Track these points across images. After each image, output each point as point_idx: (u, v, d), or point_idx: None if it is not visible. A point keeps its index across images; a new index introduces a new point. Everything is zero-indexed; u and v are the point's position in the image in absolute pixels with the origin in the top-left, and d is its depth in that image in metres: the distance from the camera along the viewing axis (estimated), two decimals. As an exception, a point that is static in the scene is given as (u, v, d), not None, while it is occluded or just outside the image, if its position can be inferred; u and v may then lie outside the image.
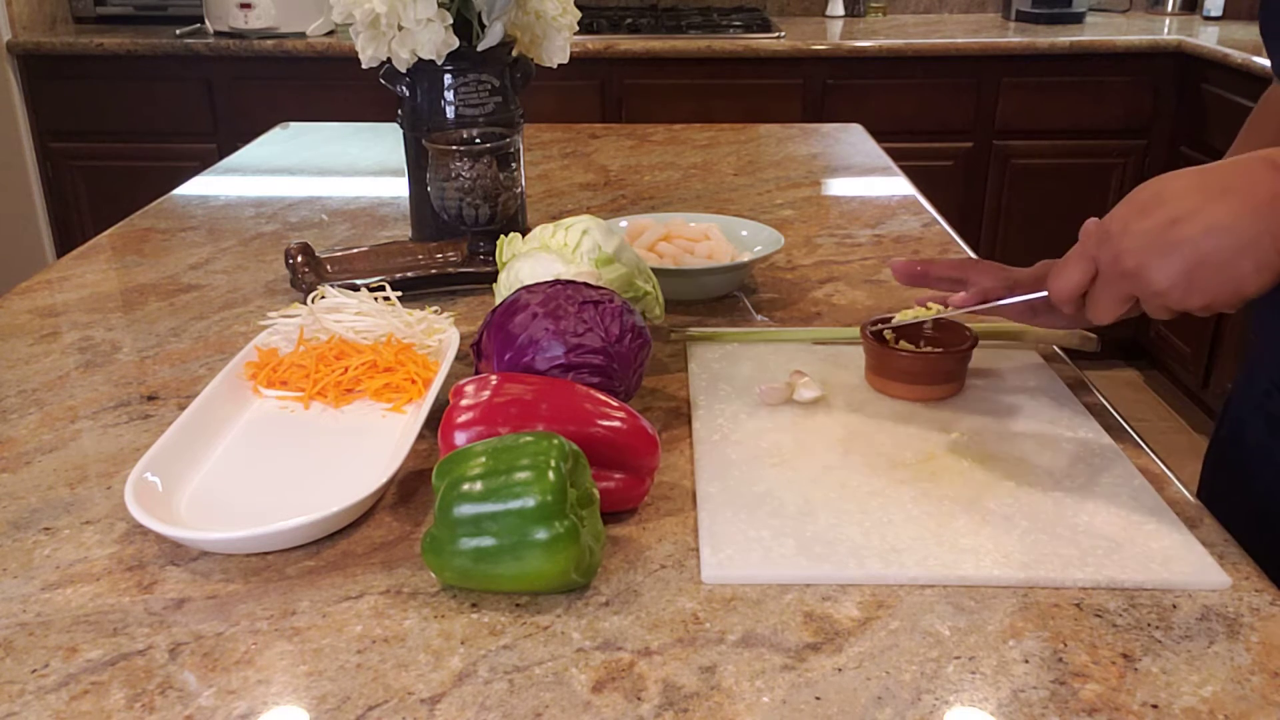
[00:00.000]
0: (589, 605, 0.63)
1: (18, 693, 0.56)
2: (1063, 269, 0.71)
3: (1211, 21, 3.21)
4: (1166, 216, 0.65)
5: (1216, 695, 0.56)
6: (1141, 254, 0.66)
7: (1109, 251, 0.68)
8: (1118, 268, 0.67)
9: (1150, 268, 0.65)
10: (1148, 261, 0.65)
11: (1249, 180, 0.64)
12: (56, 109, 2.94)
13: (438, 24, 1.08)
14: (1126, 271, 0.67)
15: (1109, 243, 0.68)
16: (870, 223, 1.37)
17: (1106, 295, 0.69)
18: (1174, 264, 0.65)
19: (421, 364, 0.88)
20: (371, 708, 0.55)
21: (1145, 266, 0.66)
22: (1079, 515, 0.71)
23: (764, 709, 0.55)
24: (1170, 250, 0.65)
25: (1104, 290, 0.69)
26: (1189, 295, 0.65)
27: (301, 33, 2.91)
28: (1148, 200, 0.67)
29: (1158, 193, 0.66)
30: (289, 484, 0.76)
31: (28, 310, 1.09)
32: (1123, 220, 0.67)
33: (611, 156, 1.70)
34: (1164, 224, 0.65)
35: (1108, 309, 0.70)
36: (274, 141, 1.82)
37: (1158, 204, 0.66)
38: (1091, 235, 0.70)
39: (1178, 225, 0.64)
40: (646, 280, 0.92)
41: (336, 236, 1.33)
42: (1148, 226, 0.65)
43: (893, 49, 2.87)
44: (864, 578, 0.65)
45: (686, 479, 0.77)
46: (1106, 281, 0.69)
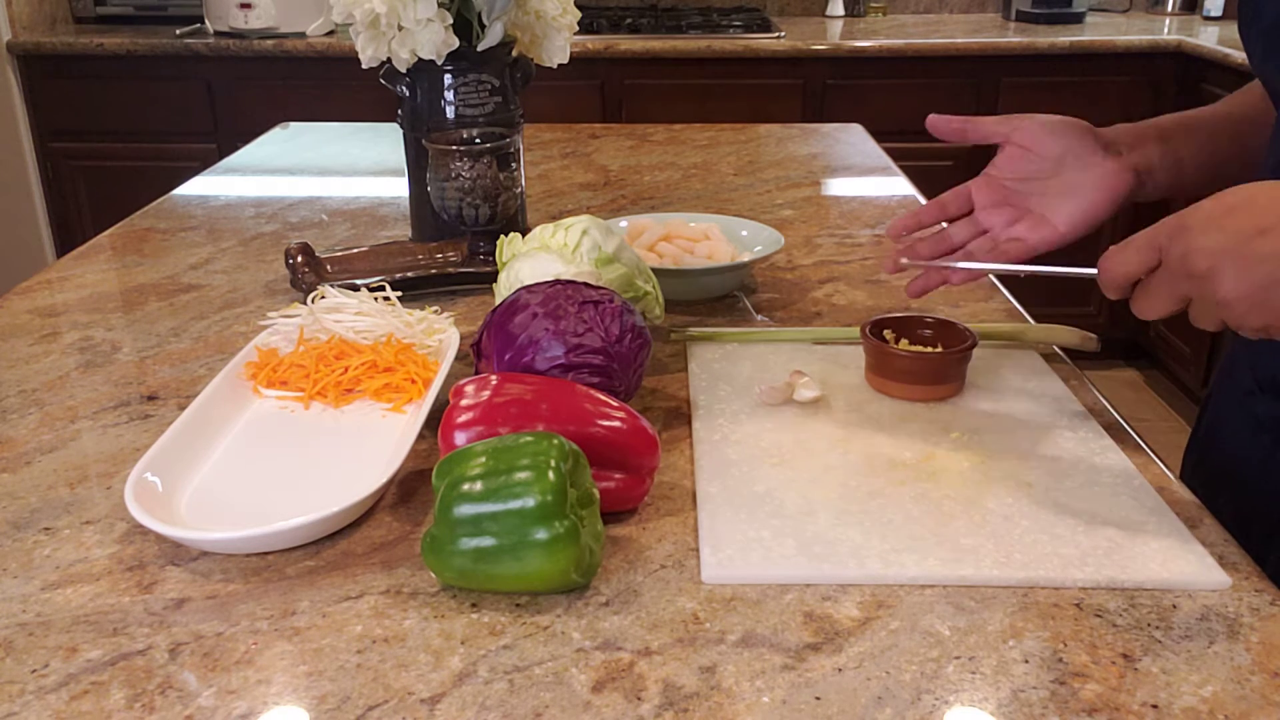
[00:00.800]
0: (589, 605, 0.63)
1: (18, 693, 0.56)
2: (1122, 251, 0.66)
3: (1211, 21, 3.21)
4: (1255, 225, 0.60)
5: (1216, 695, 0.56)
6: (1217, 257, 0.61)
7: (1180, 245, 0.63)
8: (1186, 265, 0.62)
9: (1222, 274, 0.61)
10: (1221, 267, 0.61)
11: None
12: (56, 109, 2.94)
13: (438, 24, 1.08)
14: (1195, 272, 0.62)
15: (1183, 236, 0.62)
16: (870, 223, 1.37)
17: (1163, 290, 0.65)
18: (1249, 277, 0.60)
19: (421, 364, 0.88)
20: (371, 708, 0.55)
21: (1217, 272, 0.61)
22: (1079, 515, 0.71)
23: (764, 709, 0.55)
24: (1250, 262, 0.60)
25: (1162, 284, 0.65)
26: (1252, 312, 0.61)
27: (301, 33, 2.91)
28: (1238, 203, 0.62)
29: (1251, 197, 0.62)
30: (289, 484, 0.76)
31: (28, 310, 1.09)
32: (1206, 216, 0.62)
33: (611, 156, 1.70)
34: (1250, 232, 0.60)
35: (1158, 305, 0.65)
36: (274, 141, 1.82)
37: (1248, 209, 0.61)
38: (1166, 225, 0.64)
39: (1266, 236, 0.60)
40: (646, 280, 0.92)
41: (336, 236, 1.33)
42: (1232, 231, 0.61)
43: (893, 49, 2.87)
44: (864, 578, 0.65)
45: (686, 479, 0.77)
46: (1169, 277, 0.64)
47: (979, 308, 1.08)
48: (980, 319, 1.04)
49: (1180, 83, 2.90)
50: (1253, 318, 0.62)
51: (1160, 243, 0.65)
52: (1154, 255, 0.65)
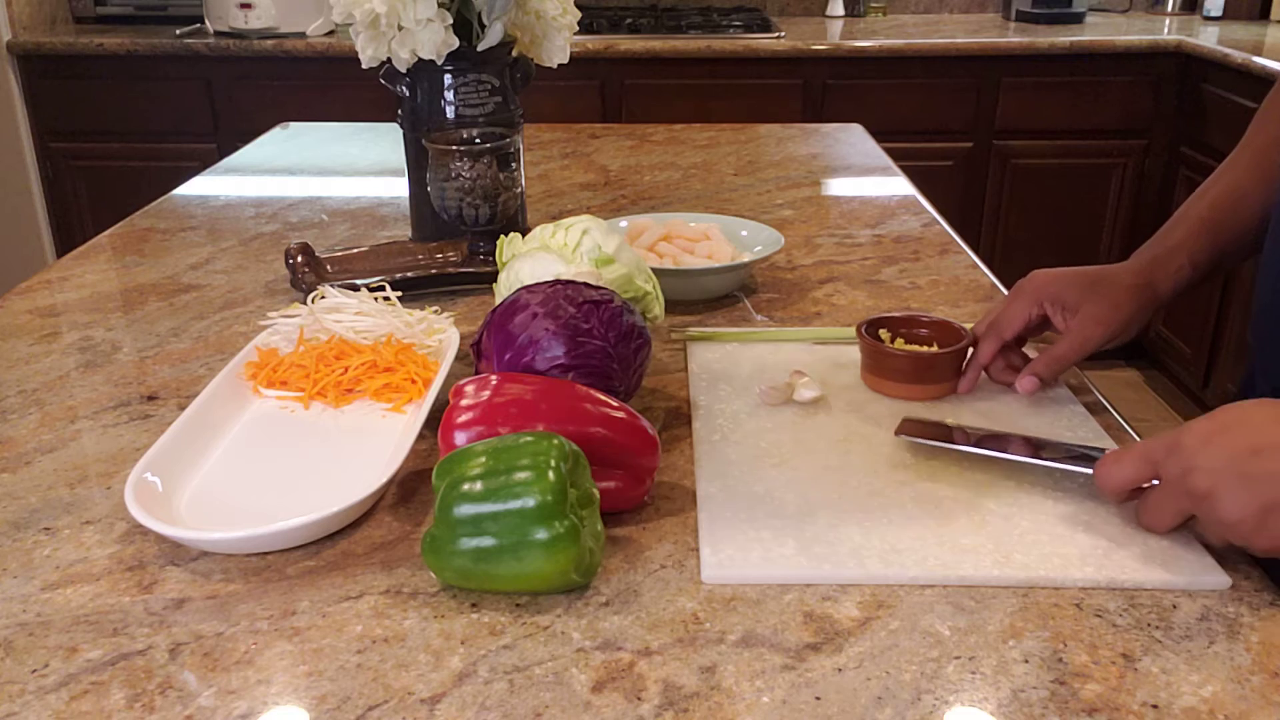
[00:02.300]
0: (589, 605, 0.63)
1: (18, 693, 0.56)
2: (1117, 461, 0.68)
3: (1211, 21, 3.21)
4: (1250, 444, 0.61)
5: (1216, 695, 0.56)
6: (1215, 477, 0.62)
7: (1178, 464, 0.64)
8: (1185, 484, 0.64)
9: (1222, 495, 0.62)
10: (1221, 488, 0.62)
11: None
12: (56, 109, 2.94)
13: (438, 24, 1.08)
14: (1195, 491, 0.63)
15: (1180, 455, 0.64)
16: (870, 223, 1.37)
17: (1166, 507, 0.66)
18: (1249, 499, 0.61)
19: (421, 364, 0.88)
20: (371, 708, 0.55)
21: (1217, 492, 0.62)
22: (1079, 515, 0.71)
23: (764, 709, 0.55)
24: (1248, 482, 0.61)
25: (1164, 501, 0.66)
26: (1257, 533, 0.61)
27: (301, 33, 2.91)
28: (1232, 422, 0.63)
29: (1245, 417, 0.63)
30: (289, 484, 0.76)
31: (28, 310, 1.09)
32: (1200, 436, 0.63)
33: (611, 156, 1.70)
34: (1245, 452, 0.61)
35: (1164, 519, 0.67)
36: (274, 141, 1.82)
37: (1242, 427, 0.62)
38: (1161, 441, 0.66)
39: (1259, 456, 0.61)
40: (646, 280, 0.92)
41: (336, 236, 1.33)
42: (1227, 450, 0.62)
43: (893, 49, 2.87)
44: (864, 578, 0.65)
45: (686, 479, 0.77)
46: (1170, 494, 0.66)
47: (979, 308, 1.08)
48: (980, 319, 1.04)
49: (1180, 83, 2.90)
50: (1258, 539, 0.62)
51: (1156, 458, 0.66)
52: (1149, 469, 0.67)
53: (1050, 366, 0.86)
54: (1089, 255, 3.05)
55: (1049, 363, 0.86)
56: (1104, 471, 0.69)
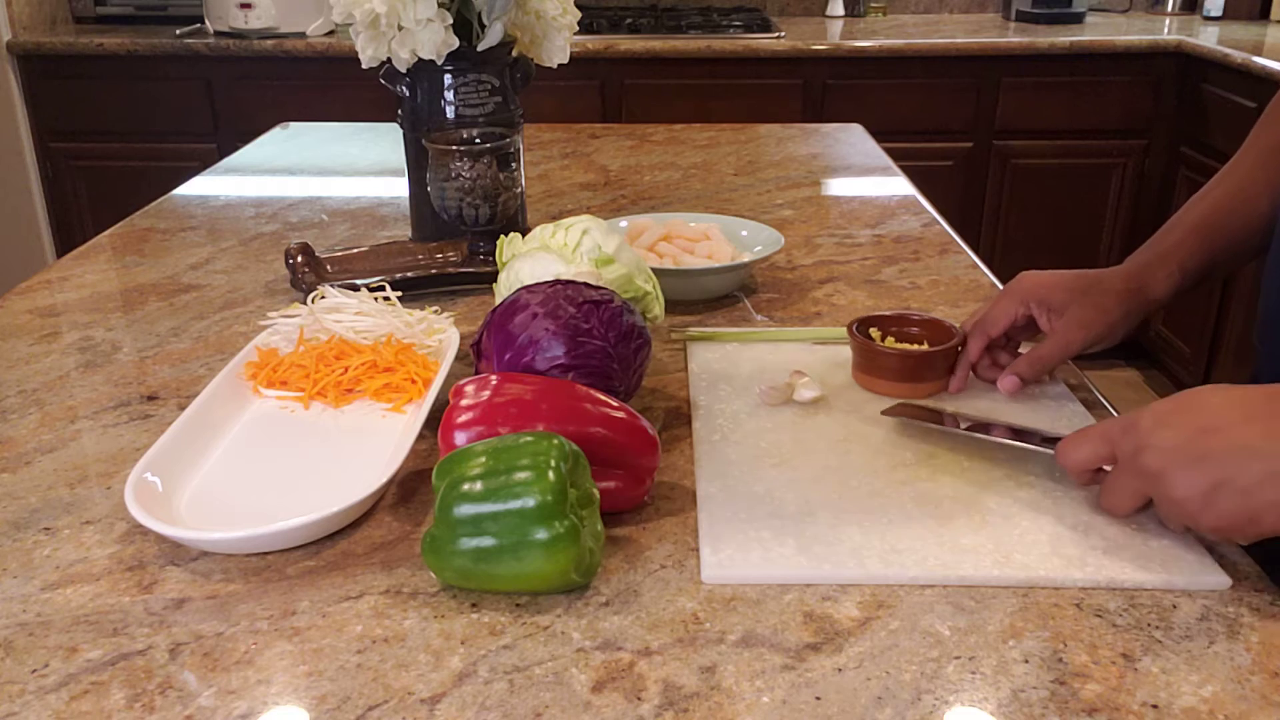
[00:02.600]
0: (589, 605, 0.63)
1: (18, 693, 0.56)
2: (1078, 440, 0.70)
3: (1211, 21, 3.21)
4: (1198, 425, 0.63)
5: (1216, 695, 0.56)
6: (1166, 455, 0.64)
7: (1131, 443, 0.66)
8: (1137, 463, 0.65)
9: (1171, 474, 0.63)
10: (1170, 467, 0.63)
11: None
12: (56, 109, 2.94)
13: (438, 24, 1.08)
14: (1146, 470, 0.65)
15: (1133, 434, 0.66)
16: (870, 223, 1.37)
17: (1122, 487, 0.67)
18: (1196, 476, 0.62)
19: (421, 364, 0.88)
20: (371, 708, 0.55)
21: (1166, 471, 0.63)
22: (1079, 515, 0.71)
23: (764, 709, 0.55)
24: (1195, 461, 0.62)
25: (1120, 481, 0.68)
26: (1203, 512, 0.63)
27: (301, 33, 2.91)
28: (1184, 403, 0.65)
29: (1198, 399, 0.64)
30: (289, 484, 0.76)
31: (28, 310, 1.09)
32: (1155, 416, 0.65)
33: (611, 156, 1.70)
34: (1194, 432, 0.63)
35: (1122, 501, 0.68)
36: (274, 141, 1.82)
37: (1195, 408, 0.64)
38: (1117, 422, 0.68)
39: (1208, 435, 0.62)
40: (646, 280, 0.92)
41: (336, 236, 1.33)
42: (1179, 430, 0.63)
43: (893, 49, 2.87)
44: (864, 578, 0.65)
45: (686, 479, 0.77)
46: (1124, 473, 0.67)
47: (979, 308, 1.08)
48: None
49: (1180, 83, 2.90)
50: (1205, 518, 0.63)
51: (1113, 436, 0.68)
52: (1107, 448, 0.68)
53: (1032, 367, 0.87)
54: (1089, 255, 3.05)
55: (1031, 363, 0.87)
56: (1065, 451, 0.71)
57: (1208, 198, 0.92)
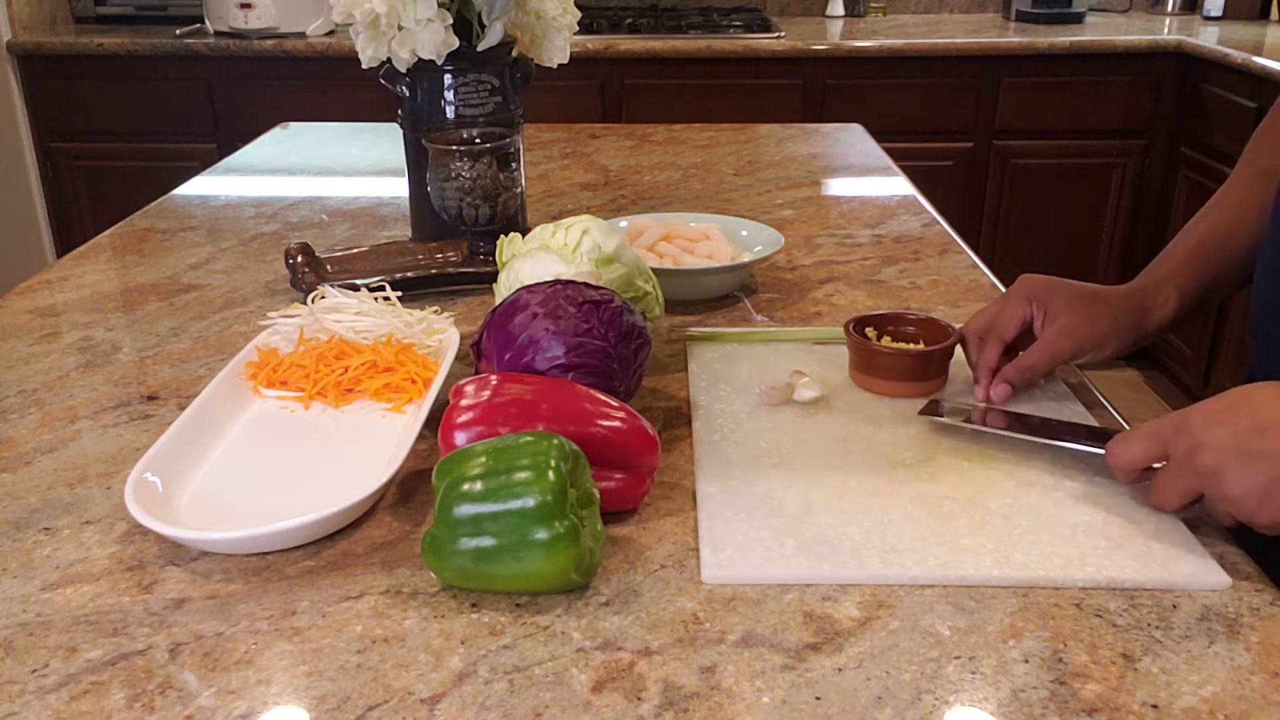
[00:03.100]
0: (589, 605, 0.63)
1: (18, 693, 0.56)
2: (1129, 440, 0.70)
3: (1211, 21, 3.21)
4: (1255, 423, 0.63)
5: (1216, 695, 0.56)
6: (1221, 454, 0.64)
7: (1185, 442, 0.66)
8: (1192, 463, 0.66)
9: (1227, 472, 0.63)
10: (1226, 465, 0.63)
11: None
12: (56, 109, 2.94)
13: (438, 24, 1.08)
14: (1201, 469, 0.65)
15: (1187, 433, 0.66)
16: (870, 223, 1.37)
17: (1174, 486, 0.68)
18: (1254, 475, 0.62)
19: (421, 364, 0.88)
20: (371, 708, 0.55)
21: (1222, 469, 0.64)
22: (1079, 515, 0.71)
23: (764, 709, 0.55)
24: (1252, 459, 0.63)
25: (1172, 479, 0.68)
26: (1261, 508, 0.63)
27: (301, 33, 2.91)
28: (1237, 401, 0.65)
29: (1250, 397, 0.65)
30: (289, 484, 0.76)
31: (28, 310, 1.09)
32: (1207, 415, 0.65)
33: (611, 156, 1.70)
34: (1250, 430, 0.63)
35: (1173, 498, 0.68)
36: (274, 141, 1.82)
37: (1248, 406, 0.64)
38: (1170, 420, 0.68)
39: (1263, 434, 0.63)
40: (646, 280, 0.92)
41: (336, 236, 1.33)
42: (1233, 429, 0.64)
43: (893, 49, 2.87)
44: (864, 578, 0.65)
45: (686, 479, 0.77)
46: (1178, 471, 0.67)
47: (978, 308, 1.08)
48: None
49: (1180, 83, 2.90)
50: (1262, 514, 0.64)
51: (1165, 436, 0.68)
52: (1159, 448, 0.69)
53: (1020, 374, 0.87)
54: (1089, 255, 3.05)
55: (1019, 370, 0.87)
56: (1116, 451, 0.71)
57: (1204, 222, 0.93)
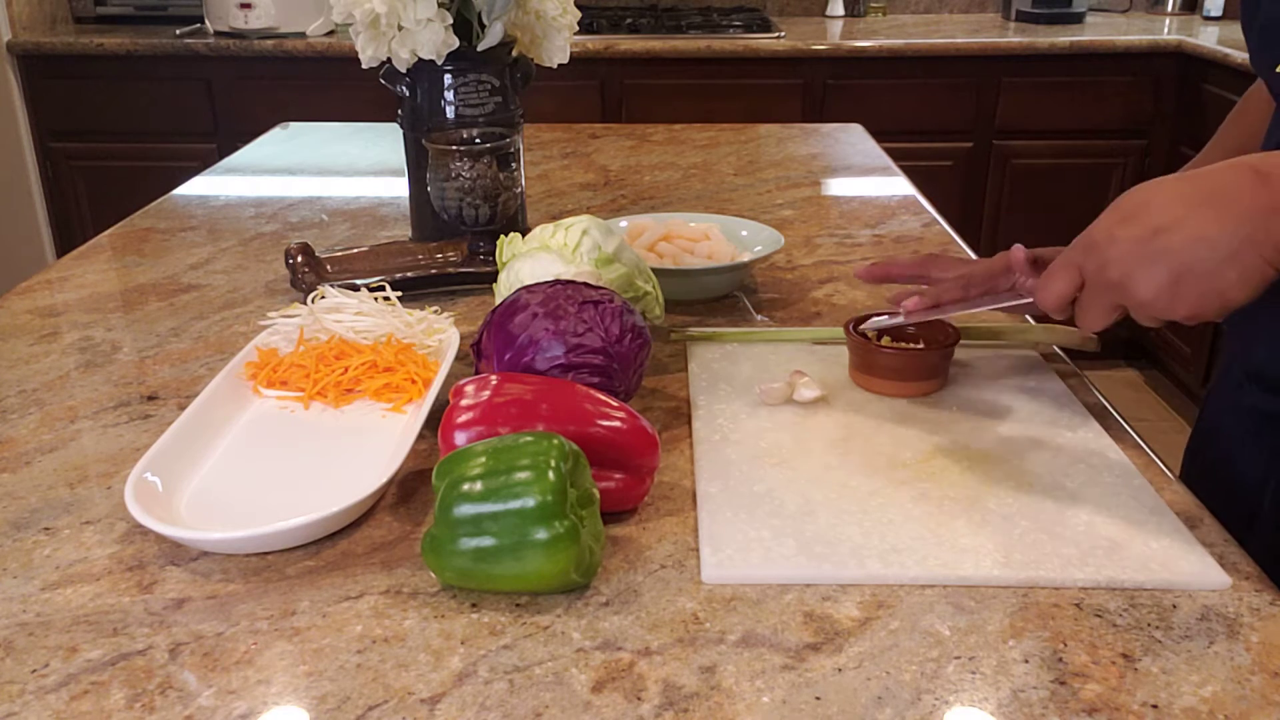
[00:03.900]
0: (589, 605, 0.63)
1: (18, 693, 0.56)
2: (1049, 278, 0.71)
3: (1211, 21, 3.21)
4: (1150, 225, 0.64)
5: (1216, 695, 0.56)
6: (1125, 263, 0.65)
7: (1094, 260, 0.67)
8: (1103, 277, 0.67)
9: (1134, 278, 0.65)
10: (1132, 271, 0.65)
11: (1234, 188, 0.63)
12: (56, 109, 2.94)
13: (438, 24, 1.08)
14: (1111, 282, 0.66)
15: (1094, 252, 0.67)
16: (870, 223, 1.37)
17: (1094, 304, 0.69)
18: (1158, 274, 0.64)
19: (421, 364, 0.88)
20: (371, 708, 0.55)
21: (1129, 276, 0.65)
22: (1079, 515, 0.71)
23: (764, 709, 0.55)
24: (1154, 260, 0.64)
25: (1091, 299, 0.69)
26: (1174, 305, 0.65)
27: (301, 33, 2.91)
28: (1132, 208, 0.66)
29: (1143, 201, 0.66)
30: (289, 484, 0.76)
31: (28, 310, 1.09)
32: (1107, 228, 0.66)
33: (611, 156, 1.70)
34: (1148, 233, 0.64)
35: (1097, 318, 0.69)
36: (274, 141, 1.82)
37: (1142, 212, 0.65)
38: (1077, 245, 0.69)
39: (1161, 235, 0.64)
40: (646, 280, 0.92)
41: (336, 236, 1.33)
42: (1132, 235, 0.65)
43: (893, 49, 2.87)
44: (864, 578, 0.65)
45: (686, 479, 0.77)
46: (1093, 291, 0.68)
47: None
48: (981, 319, 1.04)
49: (1180, 83, 2.90)
50: (1177, 309, 0.65)
51: (1077, 261, 0.69)
52: (1075, 274, 0.69)
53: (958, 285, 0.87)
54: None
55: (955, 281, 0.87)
56: (1042, 294, 0.71)
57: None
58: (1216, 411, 0.95)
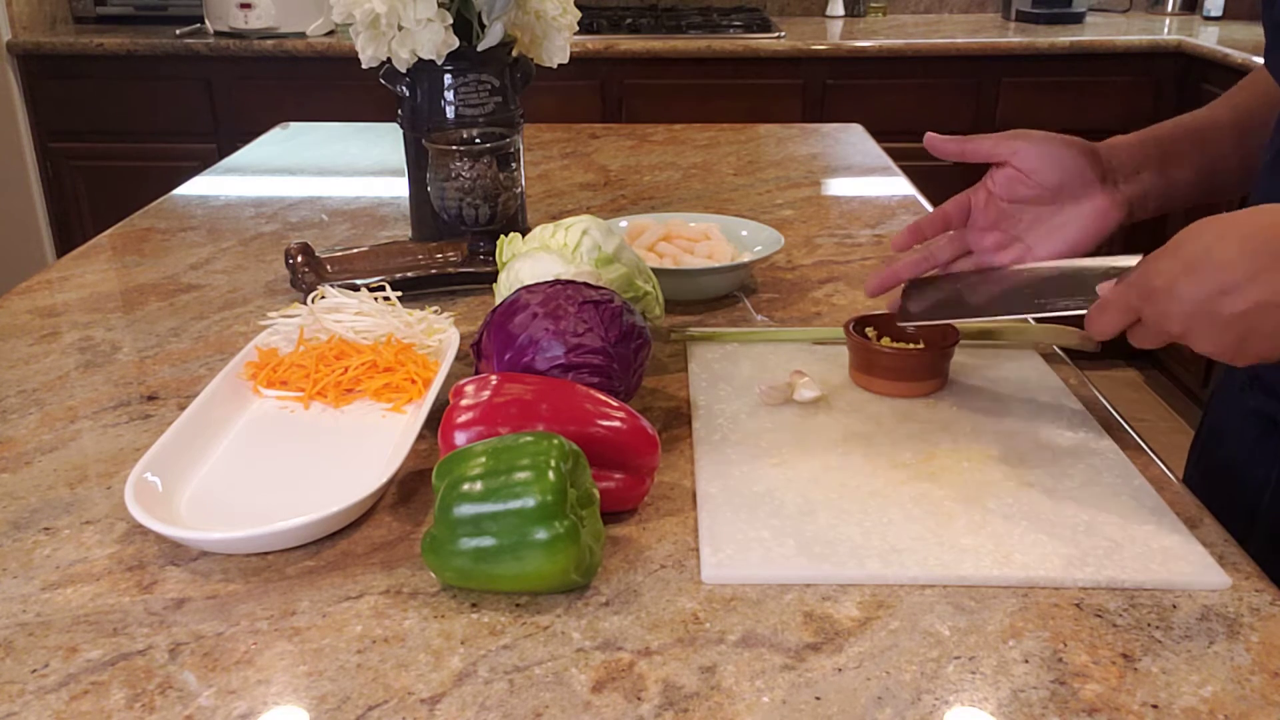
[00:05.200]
0: (589, 605, 0.63)
1: (18, 693, 0.56)
2: (1102, 313, 0.71)
3: (1211, 21, 3.21)
4: (1215, 285, 0.63)
5: (1216, 695, 0.56)
6: (1187, 321, 0.65)
7: (1153, 309, 0.67)
8: (1162, 327, 0.67)
9: (1197, 335, 0.65)
10: (1195, 330, 0.65)
11: None
12: (56, 109, 2.94)
13: (438, 24, 1.08)
14: (1172, 334, 0.67)
15: (1154, 301, 0.67)
16: (870, 223, 1.37)
17: (1149, 340, 0.69)
18: (1222, 337, 0.64)
19: (421, 364, 0.88)
20: (371, 708, 0.55)
21: (1191, 333, 0.65)
22: (1079, 515, 0.71)
23: (764, 709, 0.55)
24: (1217, 323, 0.64)
25: (1147, 338, 0.69)
26: (1237, 359, 0.65)
27: (301, 33, 2.91)
28: (1194, 260, 0.64)
29: (1205, 249, 0.64)
30: (289, 484, 0.76)
31: (28, 310, 1.09)
32: (1168, 279, 0.65)
33: (611, 156, 1.70)
34: (1212, 294, 0.63)
35: (1148, 345, 0.70)
36: (274, 141, 1.82)
37: (1205, 264, 0.64)
38: (1135, 287, 0.68)
39: (1227, 298, 0.63)
40: (646, 280, 0.92)
41: (336, 236, 1.33)
42: (1195, 295, 0.64)
43: (893, 49, 2.87)
44: (864, 578, 0.65)
45: (686, 479, 0.77)
46: (1151, 333, 0.69)
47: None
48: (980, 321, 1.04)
49: (1180, 83, 2.90)
50: (1240, 360, 0.66)
51: (1134, 304, 0.69)
52: (1132, 315, 0.69)
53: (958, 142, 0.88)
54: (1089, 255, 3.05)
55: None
56: (1094, 325, 0.72)
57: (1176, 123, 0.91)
58: (1220, 414, 0.95)
